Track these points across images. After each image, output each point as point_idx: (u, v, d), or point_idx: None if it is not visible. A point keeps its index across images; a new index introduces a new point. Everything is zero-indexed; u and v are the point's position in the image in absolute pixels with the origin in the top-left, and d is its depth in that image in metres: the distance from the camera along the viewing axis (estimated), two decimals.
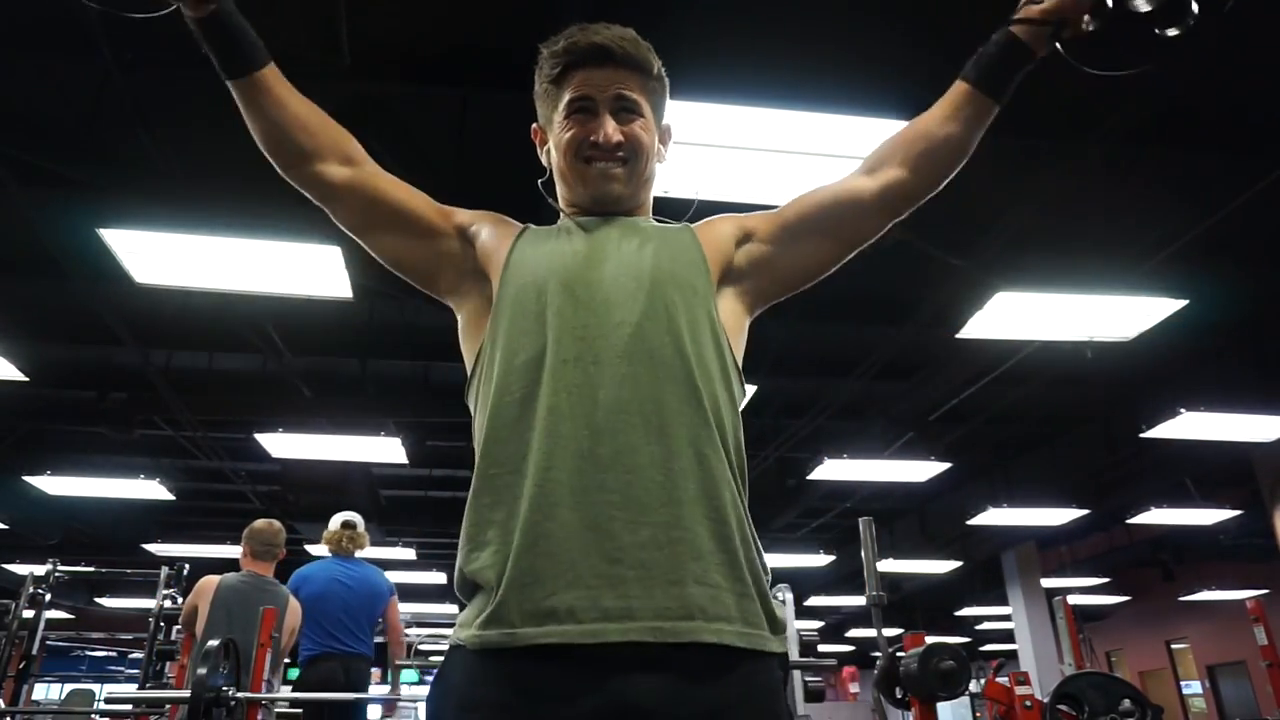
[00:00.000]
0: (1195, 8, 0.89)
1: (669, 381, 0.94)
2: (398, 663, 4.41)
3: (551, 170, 1.16)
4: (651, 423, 0.91)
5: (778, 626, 0.91)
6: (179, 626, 4.47)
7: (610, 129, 1.06)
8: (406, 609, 14.73)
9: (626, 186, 1.09)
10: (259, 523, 3.76)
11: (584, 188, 1.10)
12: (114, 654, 14.31)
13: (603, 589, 0.84)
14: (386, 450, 6.57)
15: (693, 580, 0.85)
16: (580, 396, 0.92)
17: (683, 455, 0.91)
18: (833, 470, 7.17)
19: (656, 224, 1.14)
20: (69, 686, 10.23)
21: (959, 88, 1.11)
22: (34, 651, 5.62)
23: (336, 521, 4.23)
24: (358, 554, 4.25)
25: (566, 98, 1.08)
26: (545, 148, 1.17)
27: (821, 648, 17.41)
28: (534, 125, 1.20)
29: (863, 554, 3.23)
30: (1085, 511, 8.47)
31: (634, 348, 0.95)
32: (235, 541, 3.89)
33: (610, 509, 0.87)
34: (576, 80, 1.07)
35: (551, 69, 1.09)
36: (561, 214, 1.16)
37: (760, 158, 3.07)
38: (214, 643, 2.85)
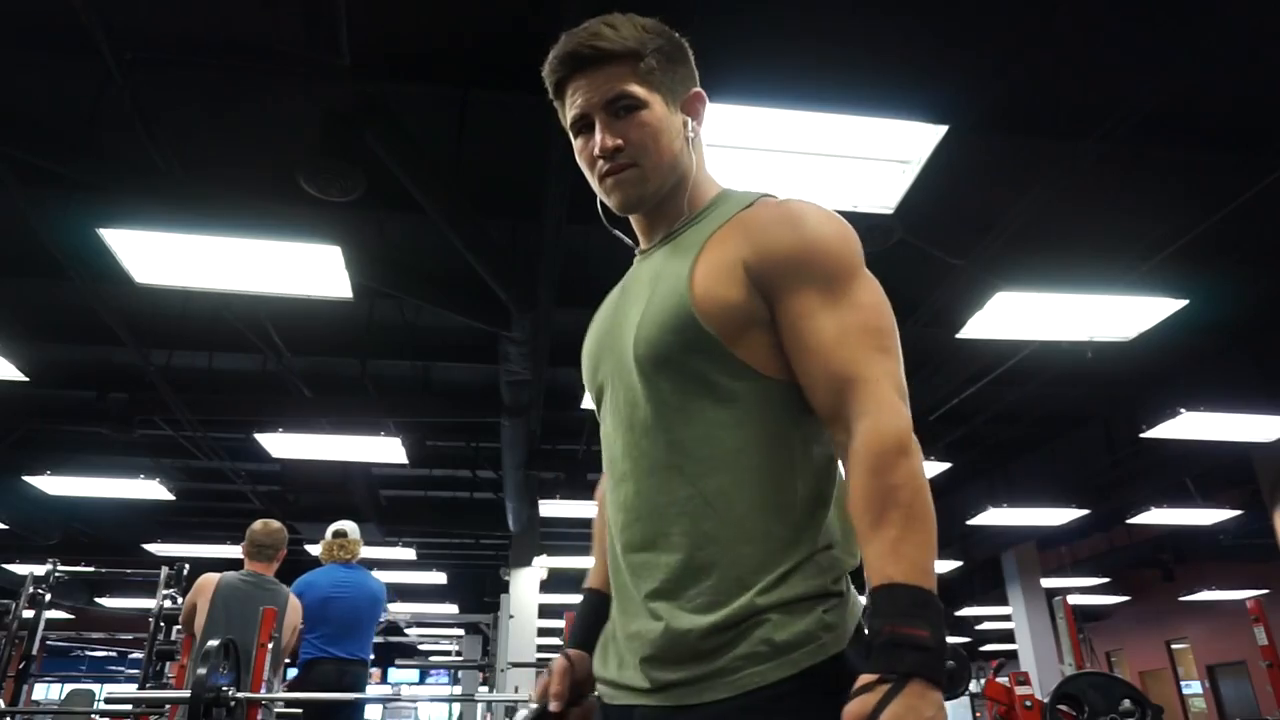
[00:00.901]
0: None
1: (653, 451, 0.96)
2: None
3: None
4: (644, 494, 0.97)
5: (782, 648, 0.87)
6: (179, 626, 4.47)
7: (604, 139, 1.01)
8: (406, 609, 14.67)
9: (644, 187, 1.03)
10: (255, 524, 3.76)
11: (611, 202, 1.06)
12: (114, 654, 14.32)
13: (619, 663, 0.97)
14: (386, 450, 6.57)
15: (691, 655, 0.90)
16: (616, 477, 1.01)
17: (671, 532, 0.94)
18: None
19: (690, 237, 1.03)
20: (69, 686, 10.23)
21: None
22: (34, 651, 5.63)
23: (329, 532, 4.26)
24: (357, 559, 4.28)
25: (569, 118, 1.05)
26: None
27: None
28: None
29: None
30: (1085, 511, 8.47)
31: (631, 416, 0.99)
32: (235, 541, 3.89)
33: (626, 590, 0.98)
34: (569, 94, 1.03)
35: (550, 88, 1.06)
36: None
37: (766, 158, 3.07)
38: (214, 643, 2.85)
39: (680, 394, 0.95)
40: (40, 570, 5.67)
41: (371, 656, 4.17)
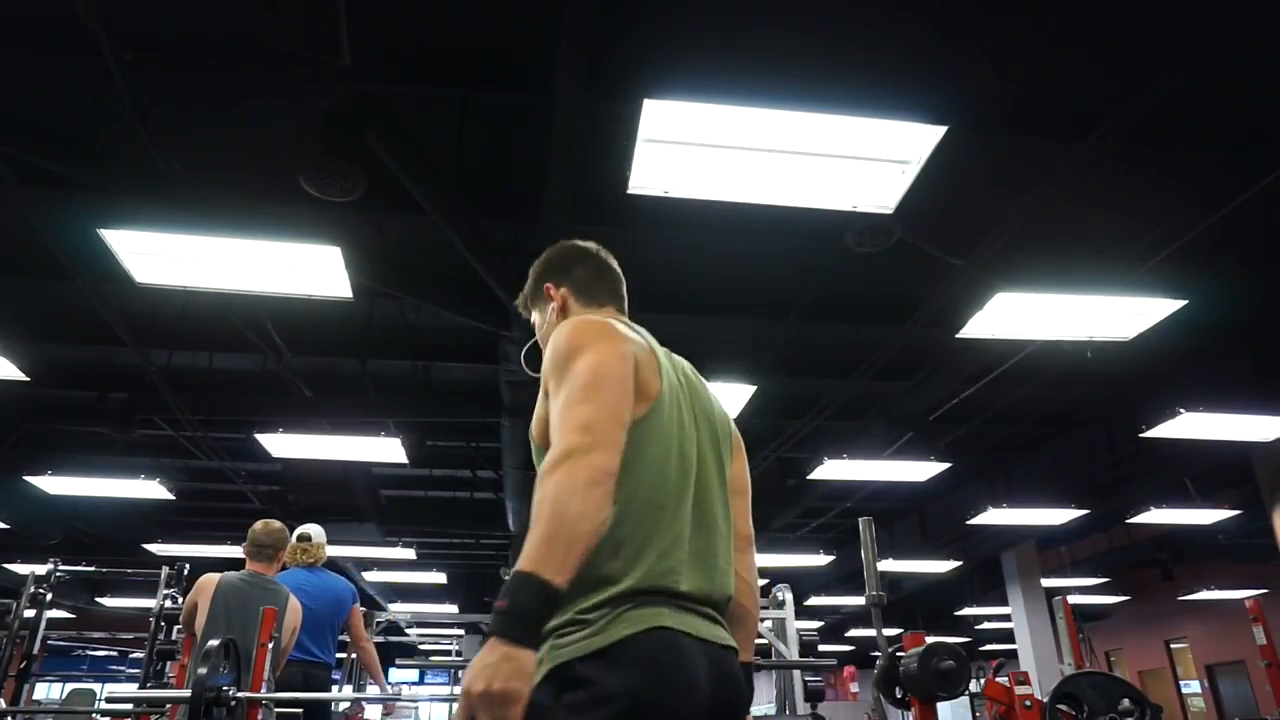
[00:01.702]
0: None
1: None
2: (374, 672, 4.43)
3: None
4: None
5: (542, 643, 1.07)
6: (179, 626, 4.47)
7: None
8: (406, 608, 14.60)
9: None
10: (256, 524, 3.76)
11: None
12: (115, 654, 14.32)
13: None
14: (386, 450, 6.57)
15: None
16: None
17: None
18: (833, 470, 7.17)
19: None
20: (70, 686, 10.23)
21: None
22: (35, 651, 5.63)
23: (294, 535, 4.25)
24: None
25: None
26: None
27: (821, 647, 17.41)
28: None
29: (863, 554, 3.23)
30: (1085, 511, 8.47)
31: None
32: (235, 541, 3.88)
33: None
34: None
35: None
36: None
37: (766, 158, 3.06)
38: (214, 643, 2.85)
39: None
40: (41, 570, 5.66)
41: (334, 663, 4.15)
